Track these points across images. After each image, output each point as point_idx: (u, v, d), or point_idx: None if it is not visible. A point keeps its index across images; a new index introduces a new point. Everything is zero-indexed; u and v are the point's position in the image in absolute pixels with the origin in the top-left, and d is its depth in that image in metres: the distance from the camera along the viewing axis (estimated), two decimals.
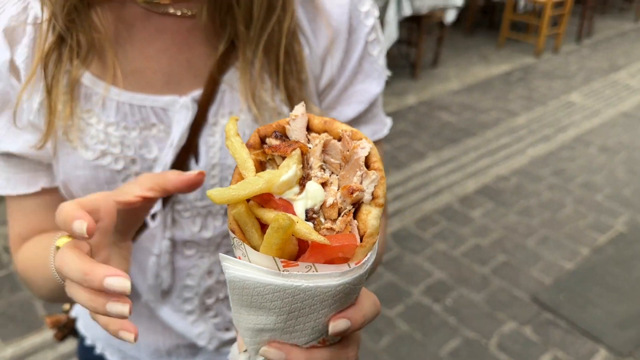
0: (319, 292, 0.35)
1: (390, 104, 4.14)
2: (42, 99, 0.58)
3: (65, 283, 0.44)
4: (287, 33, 0.59)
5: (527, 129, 3.83)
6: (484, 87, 4.51)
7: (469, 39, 5.60)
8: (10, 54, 0.58)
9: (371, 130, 0.69)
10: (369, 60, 0.65)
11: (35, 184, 0.64)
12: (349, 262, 0.35)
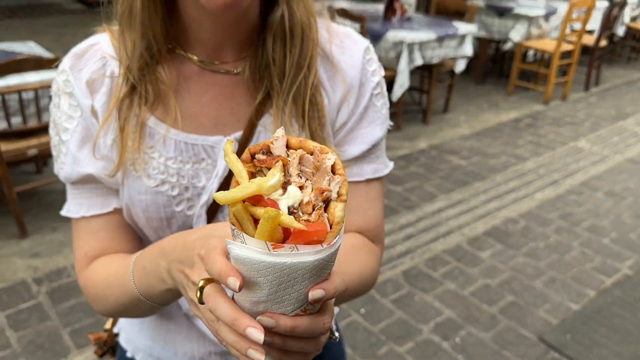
0: (301, 266, 0.46)
1: (403, 148, 4.28)
2: (115, 136, 0.73)
3: (208, 323, 0.55)
4: (311, 86, 0.74)
5: (536, 173, 3.94)
6: (494, 132, 4.65)
7: (480, 86, 5.78)
8: (92, 101, 0.73)
9: (373, 168, 0.82)
10: (373, 110, 0.80)
11: (109, 205, 0.77)
12: (322, 243, 0.46)
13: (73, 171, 0.75)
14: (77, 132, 0.74)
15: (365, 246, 0.80)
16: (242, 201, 0.46)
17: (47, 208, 3.22)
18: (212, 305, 0.50)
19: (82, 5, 8.58)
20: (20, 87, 2.63)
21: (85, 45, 0.75)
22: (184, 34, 0.73)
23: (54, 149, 0.78)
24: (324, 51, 0.77)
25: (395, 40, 4.10)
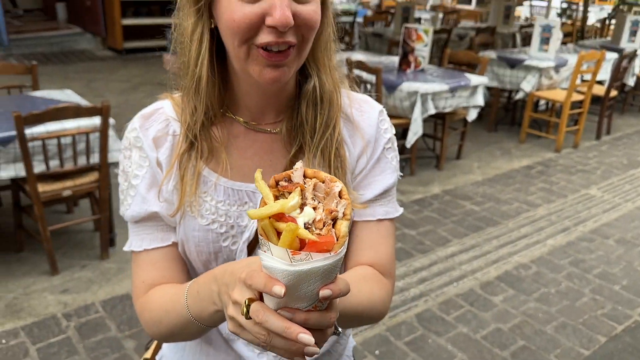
0: (314, 271, 0.58)
1: (417, 192, 4.41)
2: (176, 183, 0.88)
3: (254, 336, 0.65)
4: (335, 142, 0.90)
5: (547, 220, 4.03)
6: (506, 179, 4.77)
7: (492, 134, 5.94)
8: (157, 154, 0.89)
9: (384, 210, 0.96)
10: (385, 161, 0.96)
11: (168, 239, 0.91)
12: (330, 252, 0.58)
13: (141, 209, 0.90)
14: (146, 178, 0.90)
15: (374, 277, 0.92)
16: (268, 217, 0.58)
17: (77, 246, 3.38)
18: (262, 318, 0.62)
19: (112, 52, 8.98)
20: (59, 133, 2.82)
21: (151, 109, 0.92)
22: (234, 101, 0.90)
23: (121, 193, 0.93)
24: (345, 114, 0.94)
25: (409, 91, 4.29)
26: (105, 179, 3.05)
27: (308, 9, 0.77)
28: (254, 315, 0.63)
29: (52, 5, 10.38)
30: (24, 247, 3.30)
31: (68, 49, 8.98)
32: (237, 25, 0.75)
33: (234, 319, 0.67)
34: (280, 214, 0.59)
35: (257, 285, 0.62)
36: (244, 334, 0.67)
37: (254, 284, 0.62)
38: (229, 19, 0.76)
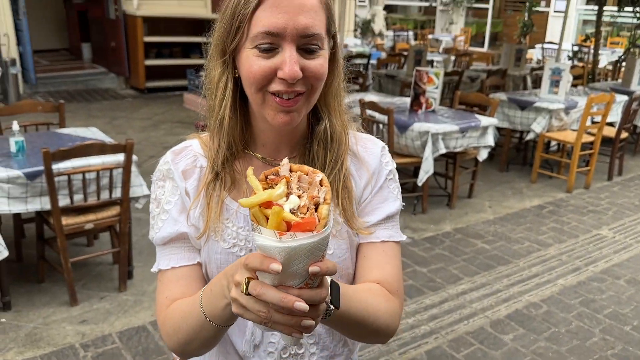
0: (301, 248, 0.66)
1: (428, 230, 4.47)
2: (202, 210, 0.99)
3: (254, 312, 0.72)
4: (343, 176, 1.02)
5: (558, 260, 4.06)
6: (517, 218, 4.82)
7: (504, 173, 6.00)
8: (185, 184, 1.01)
9: (388, 234, 1.06)
10: (387, 190, 1.07)
11: (194, 259, 1.01)
12: (313, 231, 0.66)
13: (172, 230, 1.00)
14: (178, 204, 1.01)
15: (380, 291, 1.00)
16: (258, 205, 0.68)
17: (96, 278, 3.49)
18: (260, 291, 0.70)
19: (134, 91, 9.29)
20: (84, 169, 2.97)
21: (181, 147, 1.06)
22: (253, 139, 1.02)
23: (152, 219, 1.04)
24: (352, 151, 1.07)
25: (420, 131, 4.41)
26: (126, 213, 3.18)
27: (315, 63, 0.89)
28: (252, 289, 0.70)
29: (78, 45, 10.81)
30: (45, 278, 3.41)
31: (92, 88, 9.31)
32: (253, 76, 0.88)
33: (236, 300, 0.75)
34: (269, 202, 0.68)
35: (254, 263, 0.70)
36: (247, 314, 0.73)
37: (250, 263, 0.71)
38: (247, 71, 0.89)
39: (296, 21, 0.85)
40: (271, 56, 0.87)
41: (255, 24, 0.86)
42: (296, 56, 0.86)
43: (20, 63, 8.43)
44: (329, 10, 0.92)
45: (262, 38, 0.86)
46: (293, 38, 0.86)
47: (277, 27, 0.85)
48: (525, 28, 12.48)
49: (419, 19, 17.56)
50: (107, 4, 9.24)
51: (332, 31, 0.95)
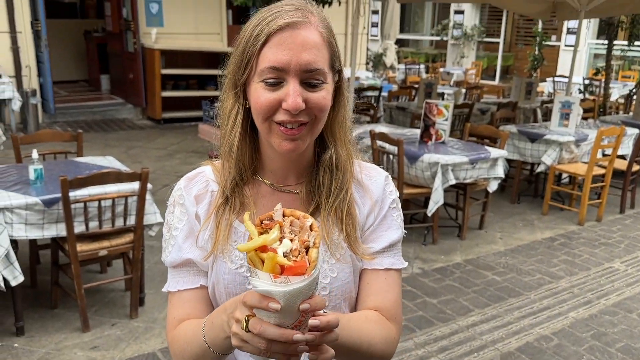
0: (294, 291, 0.72)
1: (439, 261, 4.47)
2: (211, 233, 1.05)
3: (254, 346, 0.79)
4: (347, 203, 1.07)
5: (570, 292, 4.03)
6: (528, 250, 4.80)
7: (515, 205, 6.00)
8: (196, 208, 1.07)
9: (390, 261, 1.10)
10: (391, 218, 1.12)
11: (197, 282, 1.08)
12: (304, 275, 0.72)
13: (177, 256, 1.07)
14: (184, 230, 1.08)
15: (377, 318, 1.05)
16: (254, 250, 0.74)
17: (108, 305, 3.53)
18: (260, 329, 0.76)
19: (150, 122, 9.47)
20: (101, 197, 3.05)
21: (195, 173, 1.12)
22: (262, 166, 1.08)
23: (164, 242, 1.11)
24: (357, 179, 1.12)
25: (430, 162, 4.46)
26: (139, 240, 3.24)
27: (318, 96, 0.95)
28: (253, 327, 0.77)
29: (97, 77, 11.10)
30: (58, 304, 3.46)
31: (109, 118, 9.51)
32: (260, 107, 0.96)
33: (236, 334, 0.81)
34: (264, 246, 0.74)
35: (252, 302, 0.76)
36: (246, 347, 0.80)
37: (249, 301, 0.78)
38: (255, 102, 0.96)
39: (299, 57, 0.92)
40: (277, 89, 0.94)
41: (262, 59, 0.94)
42: (299, 89, 0.93)
43: (41, 93, 8.67)
44: (332, 48, 0.98)
45: (268, 73, 0.93)
46: (296, 73, 0.93)
47: (281, 62, 0.92)
48: (536, 62, 12.59)
49: (430, 52, 17.78)
50: (126, 37, 9.52)
51: (337, 67, 1.01)
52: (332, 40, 0.99)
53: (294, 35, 0.93)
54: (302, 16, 0.95)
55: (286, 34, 0.93)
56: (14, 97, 7.42)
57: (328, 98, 0.98)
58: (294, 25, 0.93)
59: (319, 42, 0.95)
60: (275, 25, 0.93)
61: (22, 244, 3.83)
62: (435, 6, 17.75)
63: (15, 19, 8.26)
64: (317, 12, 0.99)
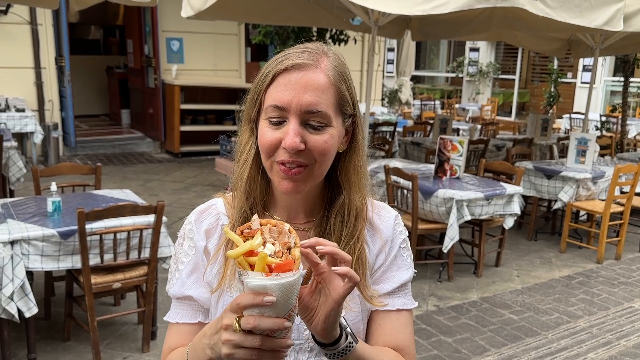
0: (287, 284, 0.79)
1: (454, 299, 4.41)
2: (219, 268, 1.06)
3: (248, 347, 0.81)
4: (357, 251, 1.06)
5: (589, 333, 3.93)
6: (546, 289, 4.71)
7: (532, 242, 5.93)
8: (206, 243, 1.08)
9: (401, 302, 1.10)
10: (401, 259, 1.12)
11: (196, 318, 1.09)
12: (292, 271, 0.79)
13: (179, 291, 1.09)
14: (189, 265, 1.09)
15: (392, 353, 1.06)
16: (242, 255, 0.80)
17: (120, 338, 3.52)
18: (254, 322, 0.79)
19: (168, 155, 9.61)
20: (116, 229, 3.08)
21: (206, 205, 1.14)
22: (273, 202, 1.09)
23: (170, 274, 1.13)
24: (367, 219, 1.11)
25: (445, 197, 4.44)
26: (153, 273, 3.25)
27: (318, 138, 0.96)
28: (247, 323, 0.79)
29: (117, 111, 11.35)
30: (71, 337, 3.46)
31: (129, 151, 9.68)
32: (263, 144, 0.98)
33: (228, 341, 0.82)
34: (250, 251, 0.81)
35: (246, 301, 0.79)
36: (238, 353, 0.81)
37: (242, 301, 0.80)
38: (260, 139, 0.99)
39: (301, 98, 0.94)
40: (279, 128, 0.96)
41: (267, 97, 0.97)
42: (298, 129, 0.94)
43: (62, 127, 8.88)
44: (339, 92, 0.98)
45: (271, 111, 0.96)
46: (297, 113, 0.94)
47: (283, 101, 0.94)
48: (552, 99, 12.60)
49: (445, 89, 17.92)
50: (147, 73, 9.76)
51: (348, 111, 1.01)
52: (342, 85, 0.99)
53: (298, 76, 0.95)
54: (311, 59, 0.96)
55: (292, 74, 0.95)
56: (36, 130, 7.60)
57: (330, 142, 0.97)
58: (300, 67, 0.95)
59: (324, 85, 0.96)
60: (283, 65, 0.95)
61: (38, 276, 3.87)
62: (451, 44, 17.98)
63: (40, 55, 8.54)
64: (332, 57, 1.00)
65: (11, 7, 8.08)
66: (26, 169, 5.58)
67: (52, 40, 8.70)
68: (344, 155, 1.04)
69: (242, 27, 9.95)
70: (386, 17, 4.79)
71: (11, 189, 5.43)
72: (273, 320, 0.79)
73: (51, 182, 3.33)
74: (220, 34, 9.92)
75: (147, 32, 9.53)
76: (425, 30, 6.67)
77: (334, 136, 0.98)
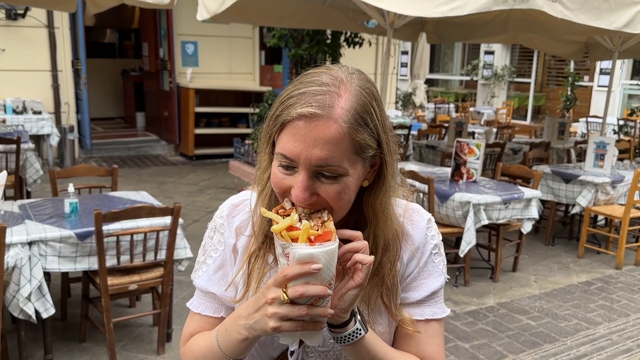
0: (331, 251, 0.83)
1: (471, 304, 4.35)
2: (246, 277, 1.03)
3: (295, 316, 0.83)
4: (384, 284, 1.01)
5: (608, 339, 3.86)
6: (564, 294, 4.64)
7: (549, 247, 5.85)
8: (235, 241, 1.06)
9: (432, 311, 1.06)
10: (432, 265, 1.07)
11: (219, 312, 1.09)
12: (331, 240, 0.84)
13: (205, 285, 1.09)
14: (217, 261, 1.08)
15: (412, 357, 1.03)
16: (285, 229, 0.85)
17: (136, 340, 3.52)
18: (303, 289, 0.81)
19: (183, 158, 9.65)
20: (133, 231, 3.08)
21: (240, 199, 1.10)
22: None
23: (197, 264, 1.12)
24: (398, 222, 1.04)
25: (462, 201, 4.40)
26: (169, 275, 3.25)
27: (331, 190, 0.89)
28: (294, 291, 0.82)
29: (132, 114, 11.43)
30: (87, 338, 3.47)
31: (144, 154, 9.73)
32: (274, 185, 0.94)
33: (274, 314, 0.83)
34: (291, 226, 0.86)
35: (294, 271, 0.81)
36: (285, 325, 0.84)
37: (289, 273, 0.82)
38: (273, 178, 0.94)
39: (310, 152, 0.86)
40: (291, 173, 0.90)
41: (278, 143, 0.91)
42: (308, 182, 0.88)
43: (78, 129, 8.95)
44: (355, 141, 0.89)
45: (281, 157, 0.90)
46: (306, 166, 0.87)
47: (292, 154, 0.88)
48: (568, 102, 12.47)
49: (460, 92, 17.82)
50: (162, 77, 9.82)
51: (368, 153, 0.91)
52: (361, 131, 0.89)
53: (308, 128, 0.86)
54: (322, 107, 0.86)
55: (301, 124, 0.87)
56: (53, 132, 7.68)
57: (345, 191, 0.90)
58: (310, 118, 0.86)
59: (337, 137, 0.86)
60: (291, 114, 0.87)
61: (55, 277, 3.88)
62: (465, 46, 17.88)
63: (57, 58, 8.62)
64: (354, 89, 0.89)
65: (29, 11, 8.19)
66: (43, 170, 5.62)
67: (69, 44, 8.79)
68: (370, 189, 0.97)
69: (257, 30, 9.98)
70: (402, 20, 4.76)
71: (28, 190, 5.48)
72: (319, 287, 0.82)
73: (68, 184, 3.35)
74: (235, 37, 9.95)
75: (162, 36, 9.59)
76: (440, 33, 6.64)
77: (350, 185, 0.91)
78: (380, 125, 0.92)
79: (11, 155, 5.07)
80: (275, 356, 1.05)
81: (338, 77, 0.90)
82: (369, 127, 0.90)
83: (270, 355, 1.05)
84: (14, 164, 5.07)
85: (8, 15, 8.09)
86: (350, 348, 0.94)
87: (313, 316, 0.83)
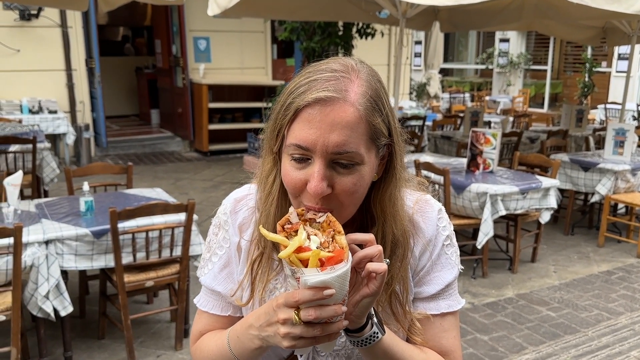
0: (343, 274, 0.79)
1: (489, 296, 4.30)
2: (249, 283, 1.01)
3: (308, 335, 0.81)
4: (393, 287, 0.98)
5: (631, 330, 3.79)
6: (584, 284, 4.57)
7: (569, 237, 5.76)
8: (239, 239, 1.04)
9: (447, 304, 1.03)
10: (444, 257, 1.04)
11: (226, 311, 1.08)
12: (344, 261, 0.79)
13: (211, 284, 1.07)
14: (222, 259, 1.06)
15: (430, 352, 1.01)
16: (293, 253, 0.79)
17: (154, 336, 3.54)
18: (316, 314, 0.79)
19: (197, 154, 9.69)
20: (148, 228, 3.09)
21: (243, 193, 1.08)
22: None
23: (202, 261, 1.10)
24: (408, 215, 1.01)
25: (478, 191, 4.34)
26: (185, 271, 3.25)
27: (347, 181, 0.86)
28: (307, 315, 0.79)
29: (147, 111, 11.49)
30: (105, 335, 3.50)
31: (159, 151, 9.78)
32: (287, 183, 0.90)
33: (288, 334, 0.82)
34: (299, 247, 0.80)
35: (305, 297, 0.78)
36: (299, 342, 0.82)
37: (302, 299, 0.78)
38: (284, 176, 0.90)
39: (327, 138, 0.83)
40: (304, 166, 0.86)
41: (290, 134, 0.86)
42: (324, 172, 0.85)
43: (93, 128, 9.02)
44: (371, 125, 0.87)
45: (294, 149, 0.86)
46: (323, 154, 0.84)
47: (307, 142, 0.84)
48: (586, 89, 12.26)
49: (475, 81, 17.62)
50: (175, 73, 9.84)
51: (382, 141, 0.90)
52: (376, 116, 0.87)
53: (323, 112, 0.83)
54: (338, 90, 0.84)
55: (316, 110, 0.83)
56: (68, 131, 7.75)
57: (360, 183, 0.87)
58: (325, 102, 0.83)
59: (353, 121, 0.84)
60: (305, 100, 0.84)
61: (72, 275, 3.92)
62: (480, 35, 17.66)
63: (71, 58, 8.68)
64: (365, 76, 0.88)
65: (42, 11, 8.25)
66: (59, 169, 5.67)
67: (82, 43, 8.84)
68: (378, 185, 0.94)
69: (268, 24, 9.95)
70: (414, 9, 4.70)
71: (45, 189, 5.53)
72: (332, 309, 0.80)
73: (83, 182, 3.36)
74: (246, 32, 9.93)
75: (175, 32, 9.60)
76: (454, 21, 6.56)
77: (365, 175, 0.88)
78: (390, 113, 0.91)
79: (28, 155, 5.12)
80: (285, 356, 1.03)
81: (348, 64, 0.89)
82: (382, 113, 0.88)
83: (280, 355, 1.03)
84: (30, 164, 5.12)
85: (22, 16, 8.16)
86: (368, 350, 0.91)
87: (327, 332, 0.82)
